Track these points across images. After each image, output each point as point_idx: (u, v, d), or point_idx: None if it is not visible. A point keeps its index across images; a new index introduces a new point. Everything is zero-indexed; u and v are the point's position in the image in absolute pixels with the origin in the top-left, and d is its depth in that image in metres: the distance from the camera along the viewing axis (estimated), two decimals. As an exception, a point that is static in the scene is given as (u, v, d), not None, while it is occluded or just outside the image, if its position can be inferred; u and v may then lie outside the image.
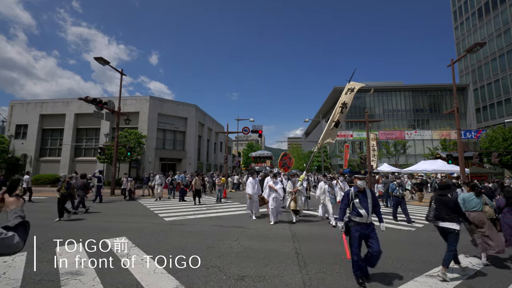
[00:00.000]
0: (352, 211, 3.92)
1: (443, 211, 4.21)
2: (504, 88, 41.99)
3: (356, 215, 3.86)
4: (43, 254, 4.97)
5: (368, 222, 3.83)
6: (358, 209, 3.85)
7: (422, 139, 43.01)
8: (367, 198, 3.89)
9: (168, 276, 3.99)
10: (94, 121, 25.43)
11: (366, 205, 3.84)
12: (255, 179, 9.27)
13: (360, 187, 3.98)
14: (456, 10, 51.99)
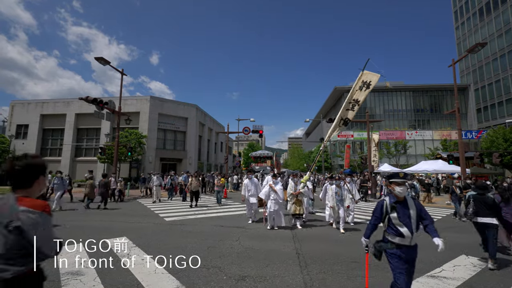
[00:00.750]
0: (388, 229, 2.87)
1: (482, 209, 4.78)
2: (505, 88, 41.91)
3: (395, 234, 2.79)
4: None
5: (412, 244, 2.77)
6: (397, 226, 2.78)
7: (422, 139, 42.96)
8: (409, 211, 2.80)
9: (169, 276, 3.98)
10: (94, 121, 25.45)
11: (408, 221, 2.77)
12: (251, 180, 8.63)
13: (399, 196, 2.85)
14: (457, 10, 51.92)
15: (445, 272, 4.32)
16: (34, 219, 1.52)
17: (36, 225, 1.52)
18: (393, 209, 2.84)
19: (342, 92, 51.46)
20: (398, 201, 2.87)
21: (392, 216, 2.82)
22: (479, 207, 4.82)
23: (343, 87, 51.08)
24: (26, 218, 1.49)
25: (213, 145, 37.04)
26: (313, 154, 52.61)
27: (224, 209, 11.33)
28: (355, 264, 4.56)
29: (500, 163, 15.56)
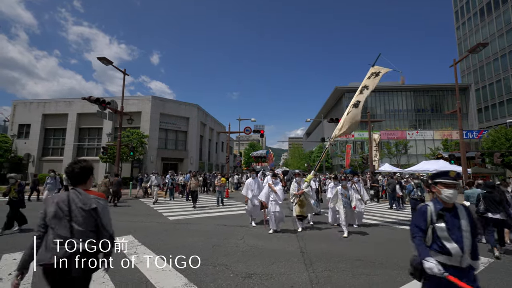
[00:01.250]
0: (432, 244, 2.20)
1: (491, 205, 5.38)
2: (506, 88, 41.91)
3: (440, 251, 2.14)
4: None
5: (463, 266, 2.11)
6: (443, 241, 2.14)
7: (423, 139, 42.98)
8: (460, 221, 2.18)
9: (176, 273, 4.04)
10: (96, 120, 25.57)
11: (458, 234, 2.13)
12: (255, 180, 8.24)
13: (447, 202, 2.21)
14: (457, 10, 51.90)
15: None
16: (102, 204, 2.15)
17: (104, 208, 2.15)
18: (440, 218, 2.20)
19: (342, 92, 51.52)
20: (446, 208, 2.23)
21: (438, 227, 2.17)
22: (489, 204, 5.43)
23: (344, 87, 51.16)
24: (98, 203, 2.10)
25: (214, 145, 37.11)
26: (314, 154, 52.66)
27: (226, 209, 11.40)
28: (359, 262, 4.62)
29: (501, 163, 15.63)
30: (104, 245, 2.09)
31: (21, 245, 5.41)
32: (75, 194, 2.10)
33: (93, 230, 2.06)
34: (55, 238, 1.94)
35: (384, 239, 6.52)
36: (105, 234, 2.10)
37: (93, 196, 2.12)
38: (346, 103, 51.18)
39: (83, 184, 2.22)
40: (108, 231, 2.14)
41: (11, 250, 5.14)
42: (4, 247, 5.36)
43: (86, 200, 2.07)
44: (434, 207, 2.26)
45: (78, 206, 2.04)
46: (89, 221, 2.05)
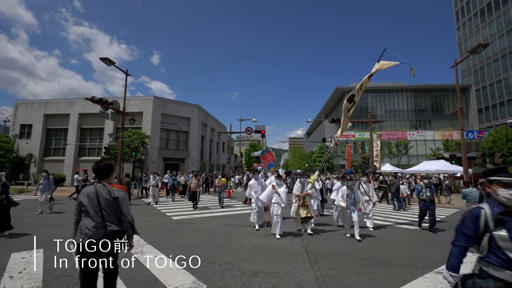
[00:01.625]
0: (489, 256, 1.80)
1: None
2: (507, 88, 41.95)
3: (503, 265, 1.73)
4: (59, 251, 5.09)
5: None
6: (506, 252, 1.73)
7: (424, 139, 43.03)
8: None
9: (184, 272, 4.10)
10: (98, 121, 25.65)
11: None
12: (258, 181, 8.02)
13: (506, 204, 1.80)
14: (458, 11, 51.96)
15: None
16: (123, 195, 2.62)
17: (124, 198, 2.62)
18: (500, 224, 1.79)
19: (343, 92, 51.56)
20: (506, 212, 1.81)
21: (498, 236, 1.76)
22: None
23: (345, 87, 51.21)
24: (119, 194, 2.60)
25: (215, 145, 37.19)
26: (314, 154, 52.70)
27: (229, 209, 11.46)
28: (364, 261, 4.68)
29: (502, 163, 15.67)
30: (126, 228, 2.60)
31: (29, 244, 5.47)
32: (101, 187, 2.61)
33: (116, 216, 2.57)
34: (89, 222, 2.46)
35: (387, 239, 6.57)
36: (125, 220, 2.59)
37: (115, 188, 2.63)
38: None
39: (107, 178, 2.73)
40: (127, 217, 2.61)
41: (19, 249, 5.20)
42: (12, 246, 5.42)
43: (110, 191, 2.59)
44: (490, 211, 1.84)
45: (104, 196, 2.56)
46: (113, 208, 2.57)
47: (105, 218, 2.50)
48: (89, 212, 2.48)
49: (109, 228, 2.47)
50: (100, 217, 2.49)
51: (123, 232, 2.58)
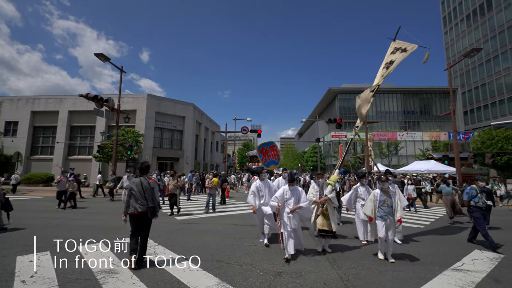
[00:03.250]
0: None
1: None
2: (490, 92, 43.70)
3: None
4: (66, 253, 4.89)
5: None
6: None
7: (413, 140, 44.22)
8: None
9: (205, 273, 4.02)
10: (89, 118, 24.92)
11: None
12: (264, 182, 6.08)
13: None
14: (445, 16, 53.68)
15: (466, 265, 4.56)
16: (155, 185, 4.49)
17: (155, 188, 4.47)
18: None
19: (336, 93, 52.34)
20: None
21: None
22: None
23: (337, 88, 51.97)
24: (154, 184, 4.46)
25: (209, 145, 36.86)
26: (307, 154, 53.12)
27: (231, 208, 11.37)
28: (382, 261, 4.73)
29: (492, 163, 16.40)
30: (156, 205, 4.42)
31: (30, 246, 5.23)
32: (143, 179, 4.44)
33: (151, 198, 4.34)
34: (137, 201, 4.28)
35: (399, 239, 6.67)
36: (156, 202, 4.41)
37: (151, 181, 4.49)
38: (339, 104, 52.09)
39: (146, 174, 4.60)
40: (157, 200, 4.44)
41: (23, 252, 4.96)
42: (16, 248, 5.17)
43: (149, 182, 4.43)
44: None
45: (145, 185, 4.35)
46: (150, 193, 4.36)
47: (147, 198, 4.32)
48: (136, 194, 4.30)
49: (149, 205, 4.30)
50: (143, 197, 4.31)
51: (155, 207, 4.37)
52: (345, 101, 51.87)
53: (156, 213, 4.37)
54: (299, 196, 5.03)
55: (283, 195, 5.03)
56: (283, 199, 5.01)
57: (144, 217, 4.26)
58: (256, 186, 5.98)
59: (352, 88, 52.19)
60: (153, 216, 4.34)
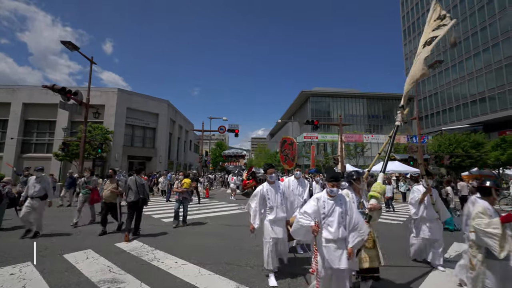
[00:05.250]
0: None
1: None
2: (441, 100, 48.93)
3: None
4: (53, 263, 4.37)
5: None
6: None
7: (377, 142, 47.66)
8: None
9: (219, 277, 3.89)
10: (47, 112, 22.56)
11: None
12: (275, 186, 4.11)
13: None
14: (405, 30, 58.77)
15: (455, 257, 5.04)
16: (145, 182, 6.61)
17: (146, 184, 6.60)
18: None
19: (308, 95, 54.25)
20: None
21: None
22: None
23: (309, 91, 53.93)
24: (144, 181, 6.52)
25: (182, 144, 35.64)
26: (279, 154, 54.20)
27: (216, 208, 11.11)
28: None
29: (449, 164, 18.50)
30: (146, 197, 6.35)
31: (9, 258, 4.58)
32: (138, 177, 6.37)
33: (142, 191, 6.21)
34: (133, 193, 6.11)
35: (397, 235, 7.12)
36: (146, 193, 6.32)
37: (143, 179, 6.53)
38: (311, 106, 54.11)
39: (140, 174, 6.56)
40: (146, 192, 6.35)
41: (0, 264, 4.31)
42: (-13, 260, 4.47)
43: (141, 180, 6.39)
44: None
45: (139, 182, 6.24)
46: (142, 188, 6.24)
47: (139, 192, 6.14)
48: (133, 189, 6.12)
49: (141, 196, 6.16)
50: (136, 191, 6.11)
51: (145, 198, 6.25)
52: (317, 104, 54.03)
53: (146, 201, 6.36)
54: (350, 212, 2.92)
55: (317, 209, 2.96)
56: (319, 215, 2.95)
57: (137, 204, 6.12)
58: (261, 192, 4.00)
59: (323, 92, 54.57)
60: (143, 204, 6.28)
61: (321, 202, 3.02)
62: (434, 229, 4.56)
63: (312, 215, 2.95)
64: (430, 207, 4.63)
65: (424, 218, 4.65)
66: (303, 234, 3.02)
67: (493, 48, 38.29)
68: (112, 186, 6.74)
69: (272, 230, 3.91)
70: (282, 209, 4.00)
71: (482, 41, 39.82)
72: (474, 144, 21.30)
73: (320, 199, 3.05)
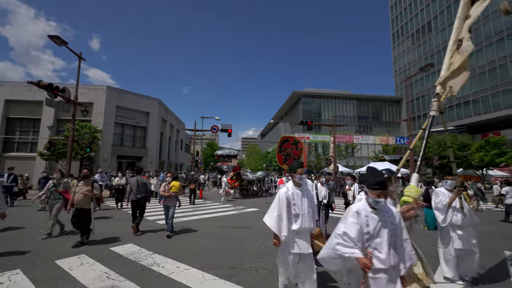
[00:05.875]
0: None
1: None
2: (428, 103, 50.36)
3: None
4: (44, 270, 4.10)
5: None
6: None
7: (367, 143, 48.55)
8: None
9: (225, 282, 3.75)
10: (31, 110, 21.67)
11: None
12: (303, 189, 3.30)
13: None
14: (394, 33, 60.16)
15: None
16: (146, 181, 6.99)
17: (148, 183, 7.02)
18: None
19: (299, 96, 54.57)
20: None
21: None
22: None
23: (301, 91, 54.29)
24: (145, 181, 6.90)
25: (173, 143, 35.03)
26: (271, 154, 54.26)
27: (210, 210, 10.91)
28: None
29: (439, 165, 19.04)
30: (147, 195, 6.82)
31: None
32: (139, 177, 6.81)
33: (144, 190, 6.65)
34: (135, 191, 6.55)
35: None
36: (148, 192, 6.84)
37: (144, 178, 6.95)
38: (303, 107, 54.49)
39: (140, 174, 6.98)
40: (147, 192, 6.82)
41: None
42: (-29, 268, 4.14)
43: (143, 179, 6.81)
44: None
45: (140, 182, 6.66)
46: (143, 187, 6.67)
47: (140, 190, 6.56)
48: (134, 188, 6.55)
49: (142, 195, 6.57)
50: (138, 190, 6.54)
51: (146, 196, 6.69)
52: (308, 104, 54.47)
53: (148, 199, 6.79)
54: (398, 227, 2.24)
55: (361, 230, 2.18)
56: (362, 238, 2.16)
57: (138, 203, 6.54)
58: (286, 195, 3.18)
59: (314, 93, 55.07)
60: (145, 201, 6.69)
61: (363, 217, 2.17)
62: (466, 237, 3.95)
63: (355, 238, 2.12)
64: (460, 212, 3.98)
65: (454, 225, 4.01)
66: (339, 264, 2.29)
67: (477, 53, 39.73)
68: (85, 188, 5.63)
69: (296, 244, 3.08)
70: (309, 218, 3.19)
71: (467, 46, 41.25)
72: (461, 146, 22.03)
73: (361, 213, 2.19)
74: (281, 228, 3.08)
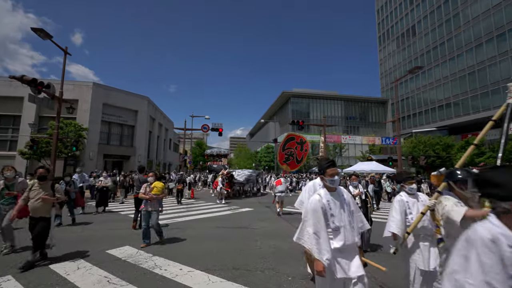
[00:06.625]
0: None
1: None
2: (412, 104, 52.19)
3: None
4: (39, 276, 3.89)
5: None
6: None
7: (354, 143, 49.64)
8: None
9: (232, 284, 3.69)
10: (10, 106, 20.59)
11: None
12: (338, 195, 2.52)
13: None
14: (380, 36, 61.81)
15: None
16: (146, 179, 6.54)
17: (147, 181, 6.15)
18: None
19: (288, 96, 54.98)
20: None
21: None
22: None
23: (290, 91, 54.72)
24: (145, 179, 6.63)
25: (162, 142, 34.32)
26: (260, 154, 54.31)
27: (205, 210, 10.76)
28: (386, 254, 5.11)
29: (425, 164, 19.82)
30: None
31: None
32: (141, 176, 7.42)
33: None
34: (138, 187, 6.90)
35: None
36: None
37: (145, 177, 6.89)
38: (292, 107, 54.91)
39: (142, 173, 7.57)
40: None
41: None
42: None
43: (143, 178, 6.86)
44: None
45: (141, 179, 7.00)
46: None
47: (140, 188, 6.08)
48: (139, 185, 6.78)
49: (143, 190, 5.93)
50: (138, 188, 6.63)
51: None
52: (297, 104, 54.97)
53: None
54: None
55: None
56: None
57: (140, 200, 5.97)
58: (321, 204, 2.43)
59: (303, 93, 55.66)
60: None
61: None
62: None
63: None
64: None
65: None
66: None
67: (458, 58, 41.51)
68: (43, 193, 4.48)
69: (340, 266, 2.33)
70: (351, 230, 2.45)
71: (448, 51, 42.99)
72: (445, 146, 23.01)
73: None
74: (322, 249, 2.26)
